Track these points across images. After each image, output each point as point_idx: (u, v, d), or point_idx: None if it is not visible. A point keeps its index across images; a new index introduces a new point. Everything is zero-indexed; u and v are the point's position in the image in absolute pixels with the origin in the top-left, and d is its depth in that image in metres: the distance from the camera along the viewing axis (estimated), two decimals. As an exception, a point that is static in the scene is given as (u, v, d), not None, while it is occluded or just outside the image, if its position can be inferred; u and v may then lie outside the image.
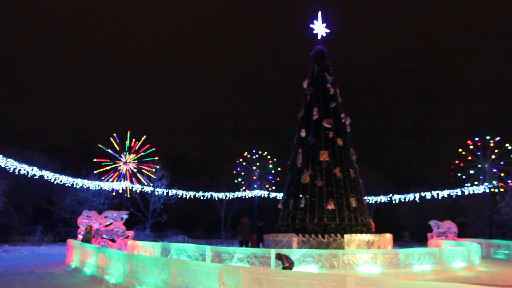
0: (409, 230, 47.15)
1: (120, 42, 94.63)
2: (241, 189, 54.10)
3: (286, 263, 13.33)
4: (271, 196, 53.42)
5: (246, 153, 54.48)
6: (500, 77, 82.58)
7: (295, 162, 25.47)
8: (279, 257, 13.69)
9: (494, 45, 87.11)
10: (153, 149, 46.78)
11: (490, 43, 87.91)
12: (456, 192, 45.93)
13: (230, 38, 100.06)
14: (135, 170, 46.98)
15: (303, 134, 25.46)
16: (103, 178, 45.65)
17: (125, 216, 23.78)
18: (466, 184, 45.73)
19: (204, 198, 51.94)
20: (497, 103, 76.69)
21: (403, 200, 48.76)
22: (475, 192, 45.32)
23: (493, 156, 44.48)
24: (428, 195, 46.73)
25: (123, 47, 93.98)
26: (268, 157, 54.19)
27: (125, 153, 46.29)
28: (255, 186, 54.38)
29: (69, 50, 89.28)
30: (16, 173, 36.49)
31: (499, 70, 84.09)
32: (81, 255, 17.75)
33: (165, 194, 48.51)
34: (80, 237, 21.31)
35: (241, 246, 22.18)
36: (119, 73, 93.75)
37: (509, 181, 43.28)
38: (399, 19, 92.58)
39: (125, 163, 46.37)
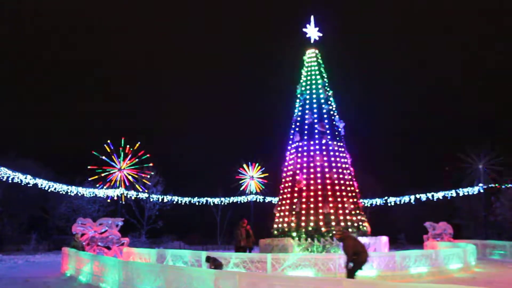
0: (405, 232, 47.26)
1: (115, 45, 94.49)
2: (237, 194, 54.08)
3: (212, 265, 14.20)
4: (266, 201, 53.43)
5: (241, 158, 54.50)
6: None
7: (290, 166, 25.52)
8: (207, 259, 14.75)
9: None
10: (148, 155, 46.68)
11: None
12: (451, 194, 46.08)
13: (224, 39, 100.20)
14: (130, 177, 46.83)
15: (297, 138, 25.53)
16: (97, 185, 45.46)
17: (120, 223, 23.68)
18: (460, 186, 45.91)
19: (200, 203, 51.84)
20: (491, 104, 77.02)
21: (398, 203, 48.87)
22: (470, 193, 45.51)
23: (487, 157, 44.71)
24: (423, 197, 46.85)
25: (118, 49, 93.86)
26: (263, 161, 54.23)
27: (119, 159, 46.13)
28: (251, 190, 54.36)
29: (59, 55, 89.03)
30: (10, 181, 36.28)
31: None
32: (76, 263, 17.63)
33: (160, 200, 48.36)
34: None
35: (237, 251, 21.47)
36: (114, 77, 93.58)
37: (503, 181, 43.53)
38: (394, 22, 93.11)
39: (119, 169, 46.20)
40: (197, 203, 51.54)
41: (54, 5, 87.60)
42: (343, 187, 24.12)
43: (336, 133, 25.63)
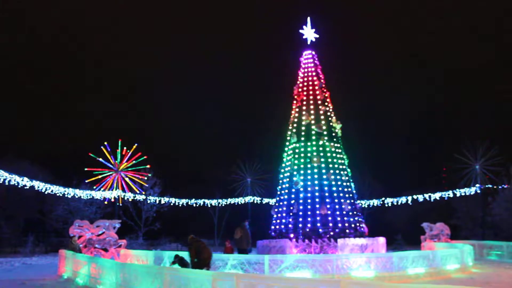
0: (402, 233, 47.27)
1: (115, 45, 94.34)
2: (234, 196, 54.06)
3: (180, 264, 14.60)
4: (263, 202, 53.40)
5: (238, 159, 54.51)
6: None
7: (287, 168, 25.52)
8: (175, 257, 15.25)
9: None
10: (145, 157, 46.61)
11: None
12: (448, 194, 46.16)
13: (223, 41, 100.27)
14: (127, 179, 46.74)
15: (294, 139, 25.55)
16: (94, 187, 45.35)
17: (117, 225, 23.63)
18: (458, 186, 45.97)
19: (197, 205, 51.79)
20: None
21: (395, 203, 48.92)
22: (467, 193, 45.60)
23: (483, 158, 44.81)
24: (420, 197, 46.90)
25: (118, 49, 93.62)
26: (260, 162, 54.23)
27: (116, 161, 46.05)
28: (248, 192, 54.34)
29: (58, 57, 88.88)
30: (7, 183, 36.16)
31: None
32: (73, 265, 17.59)
33: (157, 202, 48.30)
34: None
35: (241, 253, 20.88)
36: (112, 78, 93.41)
37: (499, 181, 43.60)
38: (391, 22, 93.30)
39: (116, 171, 46.13)
40: (194, 205, 51.49)
41: (55, 5, 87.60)
42: (340, 188, 24.14)
43: (333, 134, 25.65)
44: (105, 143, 45.82)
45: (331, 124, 25.81)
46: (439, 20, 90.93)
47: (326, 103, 26.25)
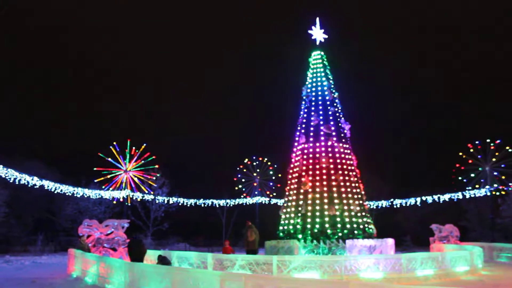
0: (411, 234, 47.05)
1: (116, 46, 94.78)
2: (242, 196, 54.02)
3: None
4: (272, 203, 53.31)
5: (246, 160, 54.48)
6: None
7: (295, 168, 25.49)
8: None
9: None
10: (154, 157, 46.71)
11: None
12: (458, 196, 45.79)
13: (228, 42, 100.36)
14: (136, 179, 46.92)
15: (302, 140, 25.51)
16: (103, 187, 45.55)
17: (126, 225, 23.69)
18: (467, 188, 45.60)
19: (205, 205, 51.88)
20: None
21: (404, 205, 48.67)
22: (477, 195, 45.22)
23: (493, 159, 44.38)
24: (429, 199, 46.61)
25: (120, 50, 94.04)
26: (269, 163, 54.15)
27: (125, 161, 46.20)
28: (256, 192, 54.29)
29: (64, 56, 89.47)
30: (17, 183, 36.45)
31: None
32: (82, 265, 17.69)
33: (166, 202, 48.46)
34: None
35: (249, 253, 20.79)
36: (118, 79, 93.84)
37: (510, 183, 43.17)
38: (398, 23, 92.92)
39: (125, 171, 46.30)
40: (202, 205, 51.59)
41: (56, 5, 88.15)
42: (349, 189, 24.07)
43: (342, 135, 25.58)
44: (114, 143, 45.99)
45: (340, 124, 25.75)
46: (445, 20, 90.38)
47: (335, 104, 26.20)
